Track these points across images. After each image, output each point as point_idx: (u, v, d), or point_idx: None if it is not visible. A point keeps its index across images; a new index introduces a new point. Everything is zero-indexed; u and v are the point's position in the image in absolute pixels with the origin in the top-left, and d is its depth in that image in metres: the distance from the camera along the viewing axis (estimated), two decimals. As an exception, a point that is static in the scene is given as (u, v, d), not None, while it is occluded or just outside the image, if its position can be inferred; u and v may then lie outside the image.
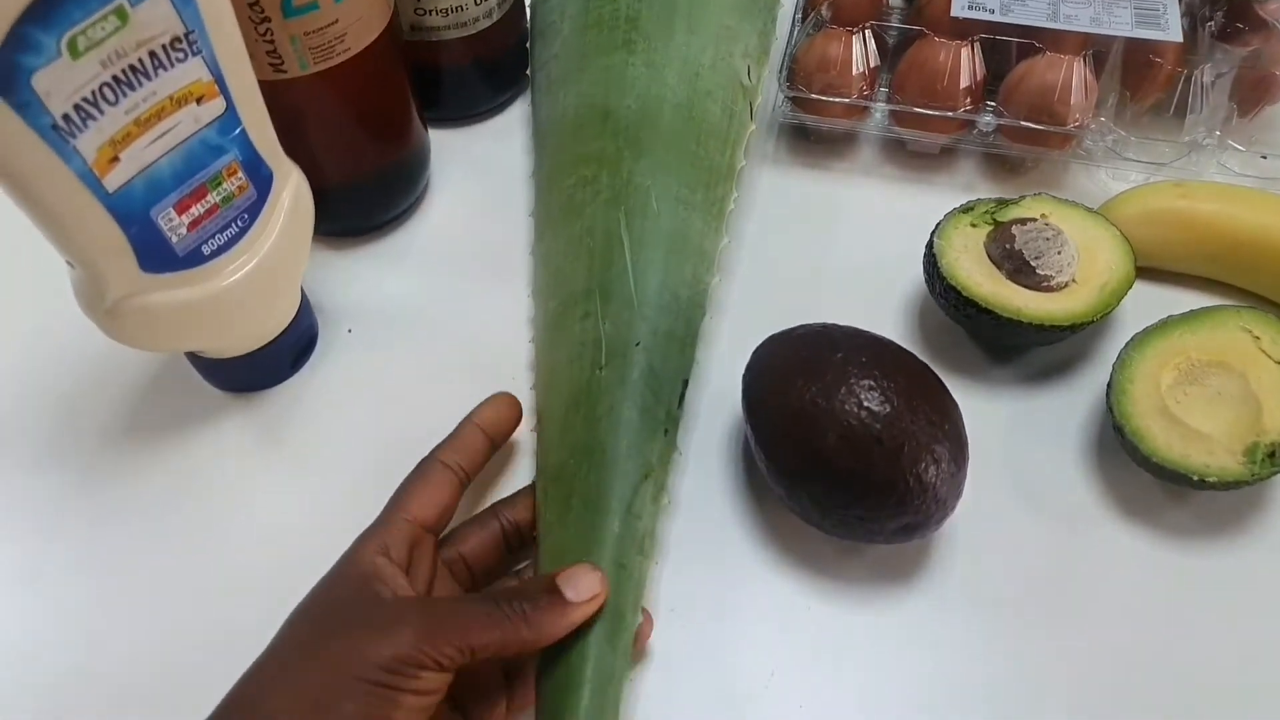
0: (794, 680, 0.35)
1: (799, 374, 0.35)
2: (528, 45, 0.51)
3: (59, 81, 0.30)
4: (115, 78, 0.31)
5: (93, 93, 0.31)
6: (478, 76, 0.51)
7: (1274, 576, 0.37)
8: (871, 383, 0.34)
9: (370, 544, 0.32)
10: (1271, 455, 0.36)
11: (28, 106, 0.29)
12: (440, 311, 0.45)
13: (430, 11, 0.46)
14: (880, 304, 0.44)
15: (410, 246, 0.48)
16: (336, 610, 0.30)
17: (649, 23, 0.44)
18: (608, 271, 0.39)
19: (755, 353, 0.38)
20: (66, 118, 0.30)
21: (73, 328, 0.43)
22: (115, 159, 0.32)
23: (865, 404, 0.34)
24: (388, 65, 0.43)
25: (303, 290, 0.43)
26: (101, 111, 0.31)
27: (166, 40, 0.32)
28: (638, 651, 0.34)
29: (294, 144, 0.40)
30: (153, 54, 0.32)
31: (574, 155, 0.43)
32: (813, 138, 0.49)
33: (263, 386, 0.43)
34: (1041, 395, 0.42)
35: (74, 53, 0.30)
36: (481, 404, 0.38)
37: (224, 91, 0.35)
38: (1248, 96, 0.45)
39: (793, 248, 0.46)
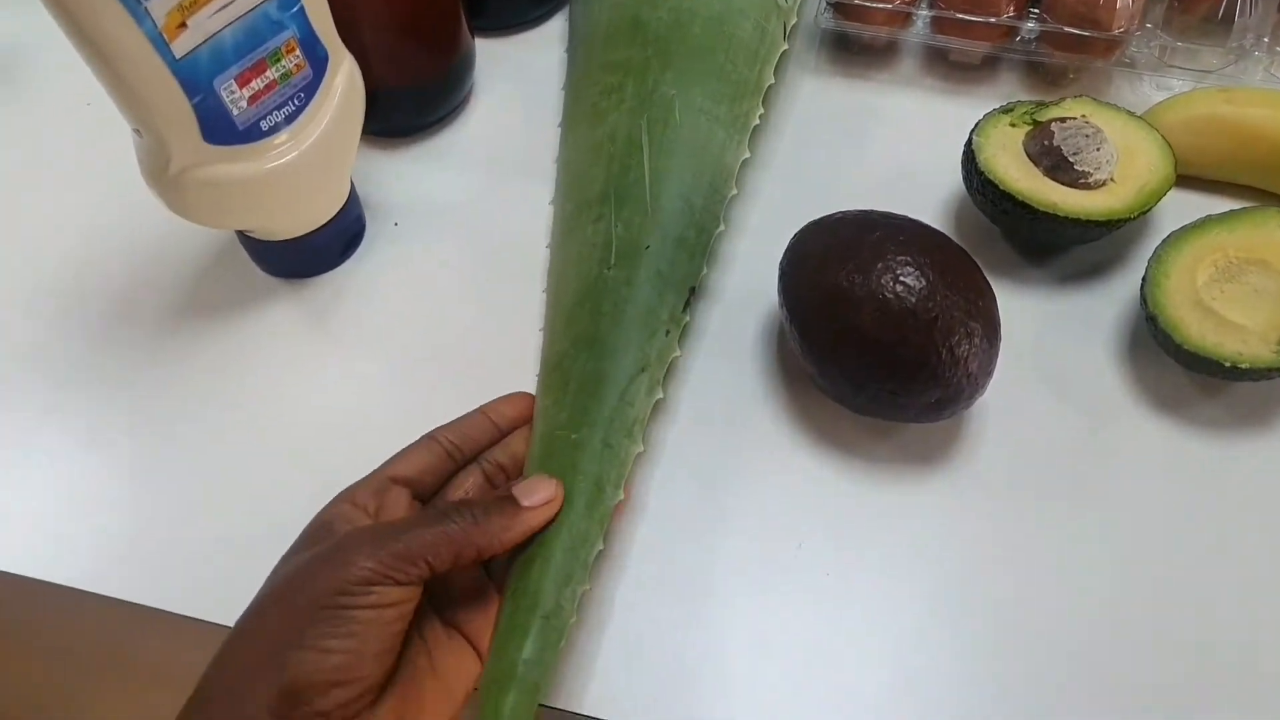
0: (822, 551, 0.36)
1: (836, 254, 0.36)
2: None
3: (133, -59, 0.31)
4: (185, -58, 0.33)
5: (164, -45, 0.32)
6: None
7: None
8: (908, 259, 0.35)
9: (337, 497, 0.32)
10: (1306, 345, 0.36)
11: (105, -35, 0.31)
12: (481, 210, 0.46)
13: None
14: (917, 206, 0.44)
15: (453, 148, 0.49)
16: (296, 555, 0.30)
17: None
18: (625, 177, 0.40)
19: (794, 238, 0.39)
20: (139, -22, 0.32)
21: (133, 211, 0.46)
22: (183, 25, 0.34)
23: (901, 279, 0.35)
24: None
25: (352, 183, 0.44)
26: (171, -25, 0.33)
27: (234, -92, 0.33)
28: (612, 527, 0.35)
29: (347, 44, 0.42)
30: (221, -79, 0.33)
31: (602, 63, 0.44)
32: (854, 48, 0.50)
33: (313, 273, 0.45)
34: (1075, 296, 0.42)
35: (149, -87, 0.31)
36: (497, 398, 0.37)
37: (286, -31, 0.36)
38: (1298, 5, 0.45)
39: (831, 153, 0.47)
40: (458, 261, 0.45)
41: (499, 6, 0.52)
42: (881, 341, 0.35)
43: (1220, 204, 0.44)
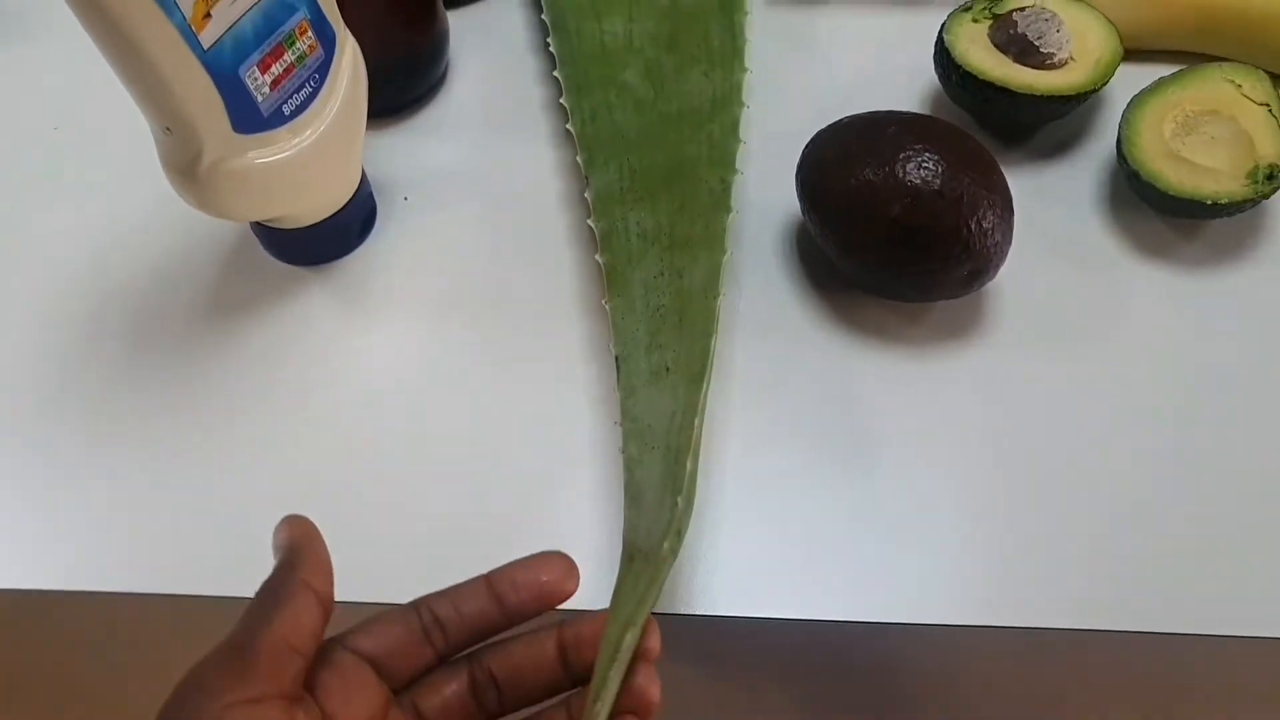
0: (877, 436, 0.39)
1: (857, 153, 0.39)
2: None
3: (161, -66, 0.31)
4: (205, -68, 0.33)
5: (188, -54, 0.32)
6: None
7: (1275, 293, 0.42)
8: (925, 147, 0.38)
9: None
10: (1270, 175, 0.41)
11: (136, -43, 0.31)
12: (484, 171, 0.48)
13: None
14: (896, 105, 0.48)
15: (445, 118, 0.50)
16: None
17: None
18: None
19: (806, 148, 0.41)
20: (168, -29, 0.32)
21: (143, 219, 0.45)
22: (208, 15, 0.34)
23: (924, 165, 0.38)
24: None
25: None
26: (195, -35, 0.33)
27: (245, -107, 0.34)
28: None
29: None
30: (234, -92, 0.34)
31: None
32: (808, -26, 0.53)
33: (335, 256, 0.45)
34: (1053, 168, 0.46)
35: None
36: (513, 562, 0.28)
37: (293, -49, 0.36)
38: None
39: (805, 75, 0.50)
40: (474, 222, 0.46)
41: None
42: (915, 226, 0.37)
43: (1162, 70, 0.48)
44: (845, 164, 0.39)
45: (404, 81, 0.49)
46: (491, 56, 0.52)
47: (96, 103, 0.46)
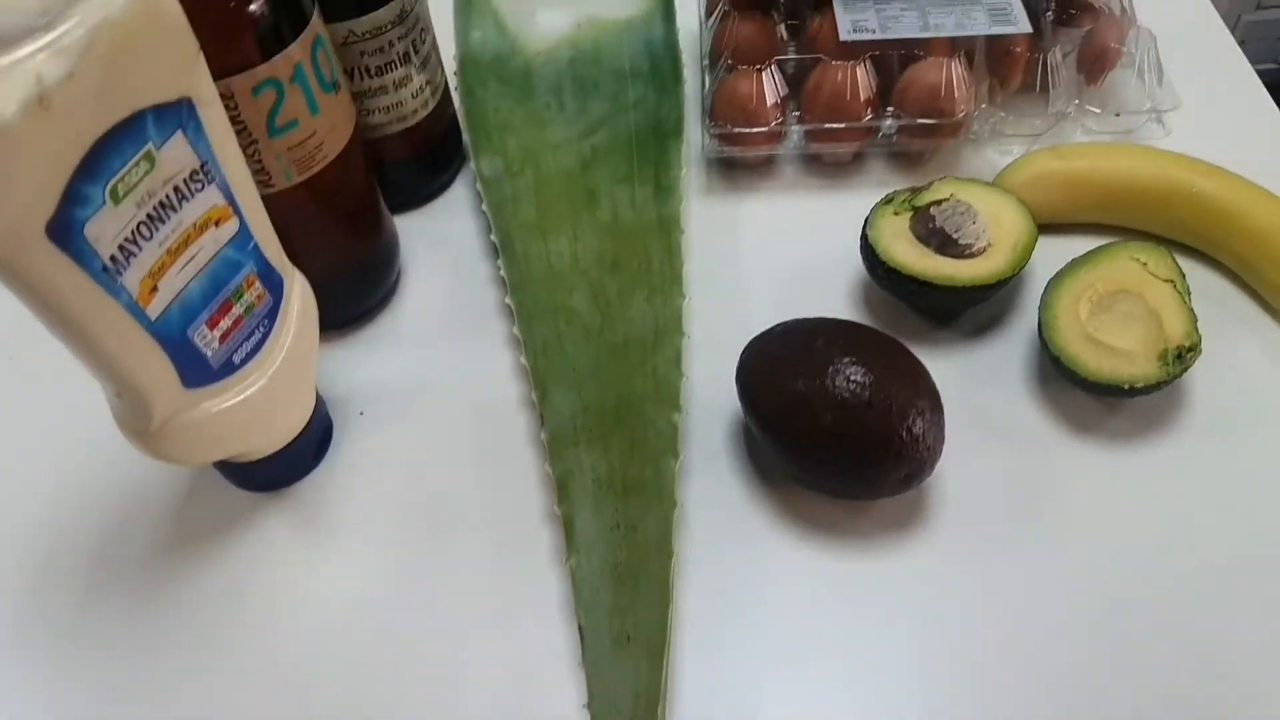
0: (825, 631, 0.40)
1: (788, 366, 0.41)
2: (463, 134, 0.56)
3: (105, 227, 0.33)
4: (149, 215, 0.34)
5: (132, 232, 0.34)
6: (420, 162, 0.55)
7: (1199, 459, 0.44)
8: (852, 359, 0.40)
9: None
10: (1179, 356, 0.43)
11: (82, 254, 0.32)
12: (437, 378, 0.49)
13: (373, 110, 0.51)
14: (830, 294, 0.50)
15: (399, 326, 0.51)
16: None
17: None
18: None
19: (743, 355, 0.43)
20: (113, 259, 0.33)
21: (102, 462, 0.46)
22: (154, 289, 0.35)
23: (852, 378, 0.39)
24: (358, 163, 0.47)
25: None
26: (140, 248, 0.34)
27: (186, 174, 0.35)
28: None
29: (285, 249, 0.44)
30: (176, 189, 0.35)
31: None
32: (740, 166, 0.55)
33: (293, 480, 0.46)
34: (982, 347, 0.48)
35: (115, 199, 0.33)
36: None
37: (236, 211, 0.38)
38: (1092, 68, 0.53)
39: (743, 264, 0.52)
40: (431, 434, 0.47)
41: (405, 184, 0.55)
42: (848, 435, 0.39)
43: (1078, 243, 0.51)
44: (778, 375, 0.41)
45: (355, 294, 0.51)
46: (443, 261, 0.54)
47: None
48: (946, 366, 0.47)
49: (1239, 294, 0.49)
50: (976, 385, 0.47)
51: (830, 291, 0.50)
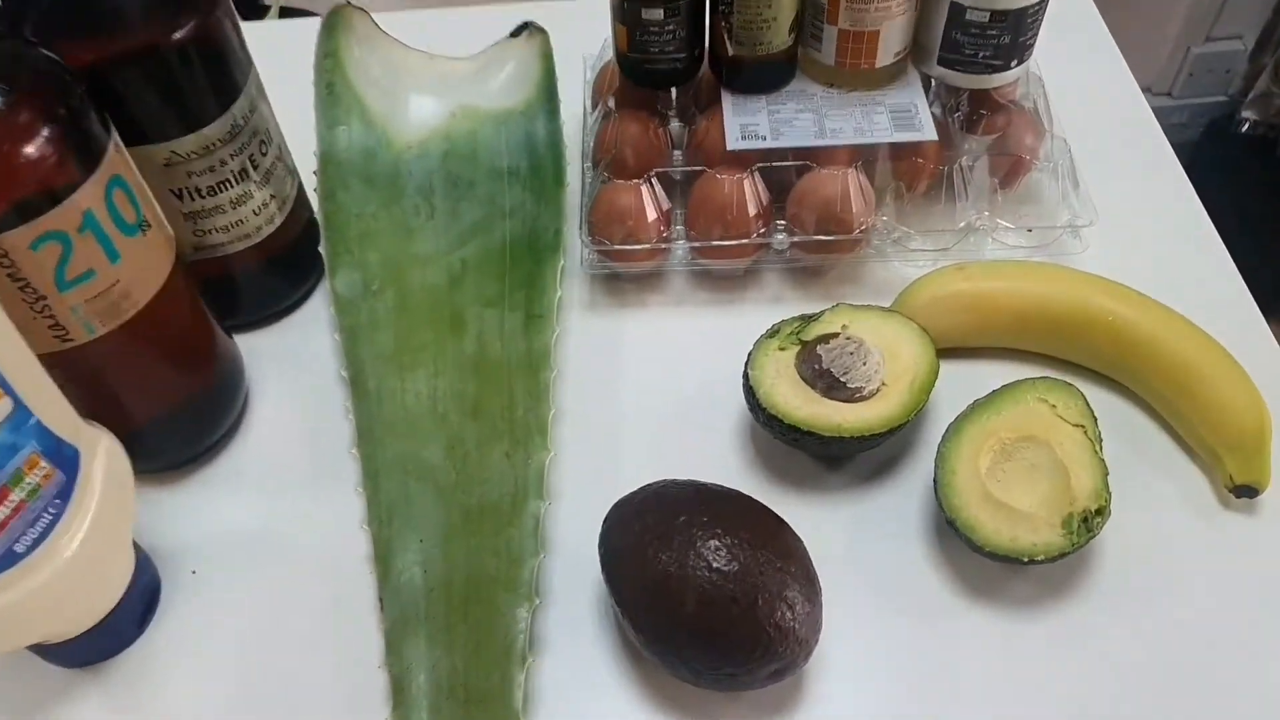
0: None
1: (648, 544, 0.36)
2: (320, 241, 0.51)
3: None
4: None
5: None
6: (272, 277, 0.50)
7: (1106, 624, 0.40)
8: (717, 542, 0.36)
9: None
10: (1085, 521, 0.39)
11: None
12: (280, 528, 0.44)
13: (211, 230, 0.46)
14: (714, 434, 0.46)
15: (241, 463, 0.47)
16: None
17: None
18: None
19: (605, 523, 0.39)
20: None
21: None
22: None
23: (714, 565, 0.35)
24: (181, 301, 0.42)
25: (135, 544, 0.41)
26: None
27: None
28: None
29: (98, 402, 0.39)
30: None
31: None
32: (625, 279, 0.51)
33: (113, 654, 0.41)
34: (876, 494, 0.44)
35: None
36: None
37: (9, 392, 0.33)
38: (1005, 176, 0.49)
39: (623, 386, 0.48)
40: (268, 595, 0.42)
41: (254, 300, 0.50)
42: (712, 630, 0.35)
43: (982, 370, 0.47)
44: (639, 552, 0.37)
45: (191, 434, 0.46)
46: (296, 386, 0.49)
47: None
48: (836, 517, 0.43)
49: (1158, 433, 0.45)
50: (867, 539, 0.43)
51: (714, 431, 0.46)
